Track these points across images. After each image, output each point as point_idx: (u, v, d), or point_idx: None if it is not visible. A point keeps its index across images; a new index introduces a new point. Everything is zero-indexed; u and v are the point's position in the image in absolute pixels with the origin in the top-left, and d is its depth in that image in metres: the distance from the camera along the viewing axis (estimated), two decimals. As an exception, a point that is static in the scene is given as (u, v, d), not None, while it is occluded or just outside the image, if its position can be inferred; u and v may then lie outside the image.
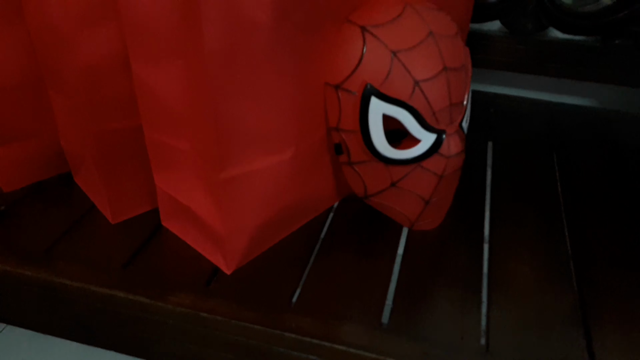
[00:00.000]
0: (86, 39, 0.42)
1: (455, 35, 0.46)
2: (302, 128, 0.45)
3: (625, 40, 0.72)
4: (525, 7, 0.74)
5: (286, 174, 0.46)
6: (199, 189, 0.45)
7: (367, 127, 0.45)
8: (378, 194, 0.50)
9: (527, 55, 0.77)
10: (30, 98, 0.53)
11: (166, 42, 0.39)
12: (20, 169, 0.57)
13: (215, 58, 0.36)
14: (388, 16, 0.44)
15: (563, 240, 0.53)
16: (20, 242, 0.50)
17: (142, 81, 0.43)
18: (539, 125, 0.77)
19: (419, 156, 0.46)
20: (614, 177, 0.64)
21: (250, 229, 0.46)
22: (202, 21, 0.34)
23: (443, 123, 0.45)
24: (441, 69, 0.44)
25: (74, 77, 0.45)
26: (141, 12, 0.39)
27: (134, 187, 0.52)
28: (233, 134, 0.40)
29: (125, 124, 0.48)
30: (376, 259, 0.50)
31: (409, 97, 0.44)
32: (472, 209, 0.57)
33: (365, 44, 0.43)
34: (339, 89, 0.45)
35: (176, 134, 0.44)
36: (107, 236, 0.51)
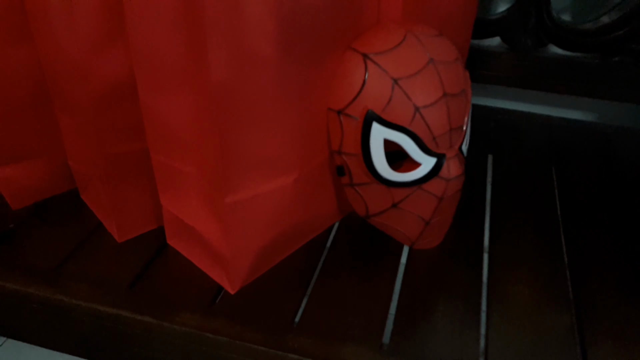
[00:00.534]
0: (96, 65, 0.43)
1: (455, 60, 0.47)
2: (305, 152, 0.46)
3: (624, 57, 0.73)
4: (525, 24, 0.75)
5: (289, 196, 0.47)
6: (204, 211, 0.46)
7: (369, 151, 0.46)
8: (379, 214, 0.51)
9: (526, 71, 0.77)
10: (38, 118, 0.55)
11: (173, 73, 0.40)
12: (28, 186, 0.58)
13: (221, 89, 0.37)
14: (389, 44, 0.45)
15: (561, 260, 0.54)
16: (30, 260, 0.51)
17: (149, 108, 0.44)
18: (538, 139, 0.78)
19: (420, 179, 0.47)
20: (612, 192, 0.65)
21: (255, 250, 0.47)
22: (209, 54, 0.35)
23: (443, 147, 0.46)
24: (441, 95, 0.45)
25: (83, 101, 0.46)
26: (149, 44, 0.40)
27: (140, 206, 0.53)
28: (238, 159, 0.41)
29: (133, 147, 0.49)
30: (377, 279, 0.51)
31: (409, 122, 0.45)
32: (471, 227, 0.57)
33: (367, 71, 0.44)
34: (342, 114, 0.46)
35: (182, 158, 0.45)
36: (114, 255, 0.52)
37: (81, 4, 0.40)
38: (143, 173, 0.51)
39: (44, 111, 0.54)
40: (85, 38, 0.42)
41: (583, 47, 0.74)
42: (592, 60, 0.75)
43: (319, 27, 0.41)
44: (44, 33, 0.46)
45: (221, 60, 0.35)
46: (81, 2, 0.40)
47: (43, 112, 0.54)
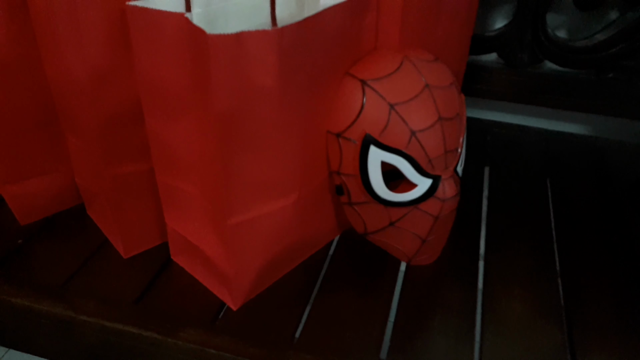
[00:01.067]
0: (103, 91, 0.45)
1: (450, 85, 0.49)
2: (305, 174, 0.48)
3: (618, 73, 0.75)
4: (522, 40, 0.76)
5: (290, 216, 0.48)
6: (208, 230, 0.48)
7: (367, 172, 0.48)
8: (377, 232, 0.53)
9: (523, 86, 0.79)
10: (47, 137, 0.56)
11: (178, 100, 0.42)
12: (36, 203, 0.59)
13: (224, 118, 0.38)
14: (386, 70, 0.47)
15: (554, 276, 0.55)
16: (38, 276, 0.53)
17: (155, 132, 0.45)
18: (533, 152, 0.79)
19: (416, 199, 0.49)
20: (605, 206, 0.66)
21: (256, 268, 0.49)
22: (212, 86, 0.37)
23: (438, 169, 0.48)
24: (436, 120, 0.47)
25: (90, 123, 0.47)
26: (154, 74, 0.41)
27: (145, 223, 0.55)
28: (240, 183, 0.43)
29: (138, 167, 0.50)
30: (375, 295, 0.52)
31: (405, 146, 0.46)
32: (467, 244, 0.59)
33: (365, 97, 0.46)
34: (340, 137, 0.48)
35: (186, 179, 0.47)
36: (120, 271, 0.54)
37: (89, 32, 0.42)
38: (148, 192, 0.53)
39: (52, 131, 0.56)
40: (93, 65, 0.44)
41: (578, 64, 0.75)
42: (586, 76, 0.76)
43: (318, 56, 0.42)
44: (53, 59, 0.48)
45: (224, 92, 0.37)
46: (89, 31, 0.42)
47: (51, 132, 0.56)
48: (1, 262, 0.55)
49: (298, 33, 0.38)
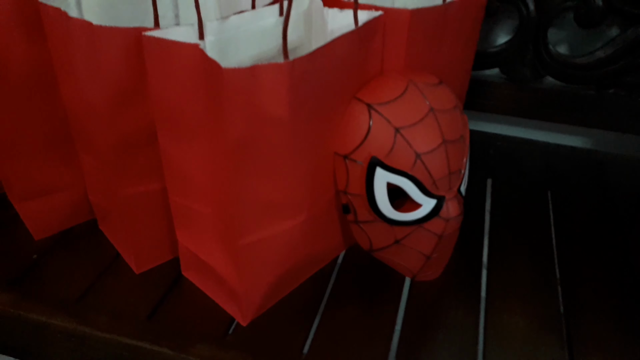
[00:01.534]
0: (118, 114, 0.46)
1: (454, 108, 0.50)
2: (313, 194, 0.49)
3: (618, 89, 0.76)
4: (524, 56, 0.78)
5: (298, 235, 0.50)
6: (218, 249, 0.49)
7: (373, 192, 0.49)
8: (382, 249, 0.54)
9: (524, 101, 0.80)
10: (61, 155, 0.58)
11: (191, 125, 0.43)
12: (50, 218, 0.61)
13: (236, 145, 0.40)
14: (392, 94, 0.48)
15: (555, 291, 0.56)
16: (53, 292, 0.54)
17: (168, 154, 0.47)
18: (535, 165, 0.81)
19: (421, 219, 0.50)
20: (605, 218, 0.68)
21: (265, 285, 0.50)
22: (226, 116, 0.38)
23: (442, 189, 0.49)
24: (440, 143, 0.48)
25: (104, 145, 0.49)
26: (169, 100, 0.43)
27: (156, 239, 0.56)
28: (251, 205, 0.44)
29: (151, 187, 0.52)
30: (380, 310, 0.54)
31: (411, 168, 0.48)
32: (470, 259, 0.60)
33: (372, 121, 0.48)
34: (347, 159, 0.49)
35: (198, 199, 0.48)
36: (132, 286, 0.55)
37: (106, 60, 0.43)
38: (160, 209, 0.54)
39: (66, 149, 0.58)
40: (109, 90, 0.45)
41: (579, 80, 0.77)
42: (587, 91, 0.78)
43: (327, 83, 0.44)
44: (69, 83, 0.50)
45: (238, 121, 0.39)
46: (106, 58, 0.43)
47: (65, 150, 0.58)
48: (17, 277, 0.56)
49: (308, 64, 0.40)
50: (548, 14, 0.74)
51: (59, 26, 0.46)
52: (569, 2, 0.72)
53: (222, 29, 0.45)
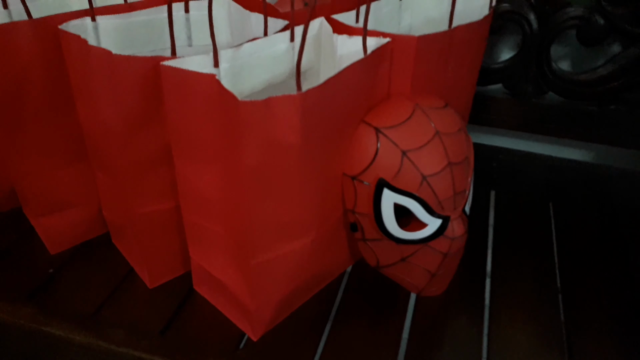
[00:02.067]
0: (135, 138, 0.48)
1: (459, 131, 0.52)
2: (322, 214, 0.51)
3: (620, 105, 0.78)
4: (527, 73, 0.79)
5: (308, 253, 0.51)
6: (231, 267, 0.51)
7: (380, 212, 0.51)
8: (389, 266, 0.56)
9: (527, 116, 0.82)
10: (76, 173, 0.60)
11: (206, 149, 0.45)
12: (65, 233, 0.63)
13: (251, 172, 0.42)
14: (399, 118, 0.50)
15: (557, 307, 0.58)
16: (70, 306, 0.56)
17: (183, 175, 0.49)
18: (537, 177, 0.82)
19: (426, 237, 0.52)
20: (607, 234, 0.69)
21: (275, 302, 0.52)
22: (242, 144, 0.40)
23: (448, 210, 0.51)
24: (446, 165, 0.50)
25: (120, 166, 0.50)
26: (184, 125, 0.45)
27: (170, 255, 0.58)
28: (263, 226, 0.46)
29: (165, 206, 0.54)
30: (387, 325, 0.55)
31: (417, 189, 0.49)
32: (474, 274, 0.62)
33: (379, 144, 0.49)
34: (356, 180, 0.51)
35: (211, 218, 0.50)
36: (146, 300, 0.57)
37: (124, 87, 0.45)
38: (173, 226, 0.56)
39: (82, 167, 0.60)
40: (126, 114, 0.47)
41: (581, 96, 0.78)
42: (588, 107, 0.79)
43: (337, 109, 0.45)
44: (87, 105, 0.52)
45: (252, 149, 0.40)
46: (124, 86, 0.45)
47: (81, 168, 0.60)
48: (35, 291, 0.58)
49: (319, 94, 0.41)
50: (551, 32, 0.75)
51: (79, 53, 0.48)
52: (571, 20, 0.74)
53: (236, 56, 0.46)
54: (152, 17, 0.55)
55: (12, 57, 0.51)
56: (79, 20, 0.51)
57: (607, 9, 0.72)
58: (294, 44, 0.51)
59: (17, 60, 0.52)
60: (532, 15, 0.75)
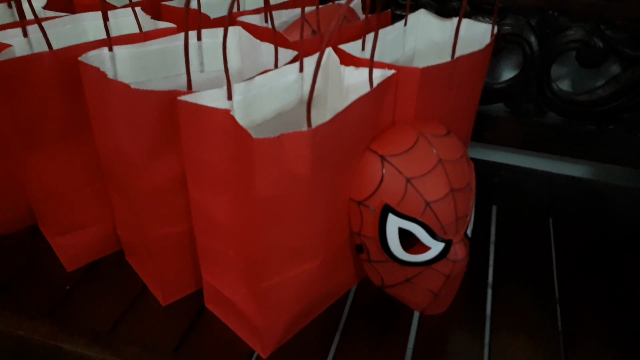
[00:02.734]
0: (152, 166, 0.50)
1: (461, 157, 0.54)
2: (330, 237, 0.53)
3: (618, 125, 0.80)
4: (527, 93, 0.81)
5: (316, 275, 0.53)
6: (241, 287, 0.53)
7: (385, 236, 0.53)
8: (393, 286, 0.58)
9: (527, 134, 0.84)
10: (92, 194, 0.62)
11: (219, 177, 0.47)
12: (81, 251, 0.65)
13: (263, 202, 0.44)
14: (404, 146, 0.52)
15: (555, 326, 0.60)
16: (86, 323, 0.58)
17: (197, 201, 0.51)
18: (537, 193, 0.84)
19: (430, 260, 0.54)
20: (604, 246, 0.72)
21: (284, 321, 0.54)
22: (256, 177, 0.42)
23: (450, 234, 0.53)
24: (448, 191, 0.52)
25: (136, 191, 0.53)
26: (200, 157, 0.47)
27: (182, 273, 0.60)
28: (274, 251, 0.48)
29: (180, 228, 0.56)
30: (391, 341, 0.57)
31: (421, 214, 0.51)
32: (475, 291, 0.64)
33: (384, 171, 0.51)
34: (362, 205, 0.53)
35: (224, 241, 0.52)
36: (159, 318, 0.59)
37: (142, 119, 0.48)
38: (186, 247, 0.58)
39: (97, 188, 0.62)
40: (143, 144, 0.49)
41: (580, 116, 0.80)
42: (588, 127, 0.81)
43: (345, 140, 0.48)
44: (104, 132, 0.54)
45: (264, 181, 0.42)
46: (142, 118, 0.48)
47: (97, 189, 0.62)
48: (52, 308, 0.60)
49: (328, 128, 0.43)
50: (551, 54, 0.77)
51: (98, 84, 0.50)
52: (571, 43, 0.76)
53: (248, 88, 0.49)
54: (165, 46, 0.58)
55: (33, 85, 0.54)
56: (97, 50, 0.54)
57: (606, 33, 0.74)
58: (303, 74, 0.53)
59: (38, 89, 0.54)
60: (533, 37, 0.77)
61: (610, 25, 0.73)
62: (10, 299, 0.61)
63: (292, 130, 0.43)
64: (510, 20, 0.78)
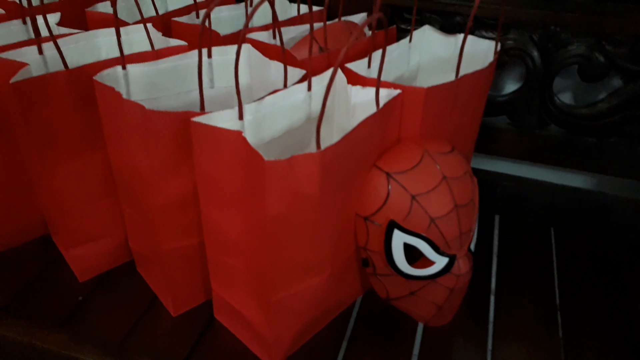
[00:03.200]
0: (165, 183, 0.52)
1: (465, 174, 0.56)
2: (337, 252, 0.55)
3: (619, 138, 0.81)
4: (530, 106, 0.83)
5: (324, 288, 0.55)
6: (250, 300, 0.55)
7: (391, 251, 0.54)
8: (398, 299, 0.59)
9: (530, 146, 0.86)
10: (105, 207, 0.64)
11: (231, 195, 0.49)
12: (93, 262, 0.67)
13: (273, 220, 0.45)
14: (409, 164, 0.53)
15: (557, 337, 0.61)
16: (99, 333, 0.60)
17: (208, 217, 0.52)
18: (539, 203, 0.86)
19: (434, 274, 0.55)
20: (603, 253, 0.73)
21: (292, 333, 0.56)
22: (265, 196, 0.44)
23: (454, 249, 0.55)
24: (452, 207, 0.53)
25: (150, 208, 0.54)
26: (212, 175, 0.48)
27: (193, 284, 0.62)
28: (283, 267, 0.50)
29: (191, 242, 0.57)
30: (396, 351, 0.59)
31: (425, 230, 0.53)
32: (478, 303, 0.65)
33: (390, 187, 0.53)
34: (368, 221, 0.54)
35: (234, 255, 0.54)
36: (170, 328, 0.61)
37: (156, 138, 0.49)
38: (197, 259, 0.60)
39: (111, 201, 0.63)
40: (156, 161, 0.51)
41: (581, 129, 0.82)
42: (589, 139, 0.83)
43: (352, 160, 0.49)
44: (118, 148, 0.55)
45: (275, 201, 0.44)
46: (156, 137, 0.49)
47: (109, 202, 0.64)
48: (66, 318, 0.62)
49: (337, 149, 0.45)
50: (553, 68, 0.79)
51: (112, 103, 0.51)
52: (573, 58, 0.77)
53: (259, 108, 0.50)
54: (177, 64, 0.59)
55: (49, 104, 0.55)
56: (111, 69, 0.55)
57: (607, 48, 0.75)
58: (311, 92, 0.55)
59: (54, 107, 0.56)
60: (535, 52, 0.78)
61: (611, 40, 0.75)
62: (26, 309, 0.63)
63: (300, 146, 0.44)
64: (514, 35, 0.79)
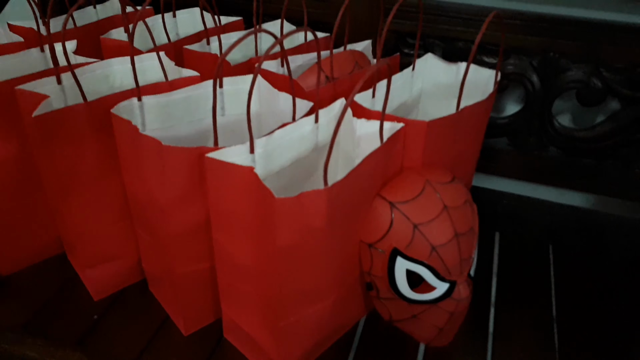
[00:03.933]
0: (180, 211, 0.55)
1: (465, 202, 0.58)
2: (342, 277, 0.57)
3: (616, 161, 0.83)
4: (529, 128, 0.85)
5: (329, 312, 0.57)
6: (259, 324, 0.57)
7: (394, 277, 0.57)
8: (401, 321, 0.62)
9: (529, 166, 0.88)
10: (120, 230, 0.66)
11: (242, 228, 0.51)
12: (108, 282, 0.69)
13: (281, 251, 0.48)
14: (411, 194, 0.56)
15: (552, 346, 0.64)
16: (113, 352, 0.62)
17: (220, 244, 0.55)
18: (538, 221, 0.88)
19: (435, 299, 0.58)
20: (600, 271, 0.75)
21: (299, 354, 0.58)
22: (275, 229, 0.46)
23: (455, 275, 0.57)
24: (453, 236, 0.56)
25: (164, 234, 0.57)
26: (224, 206, 0.51)
27: (204, 305, 0.64)
28: (290, 294, 0.52)
29: (203, 266, 0.60)
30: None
31: (427, 257, 0.55)
32: (477, 322, 0.68)
33: (393, 216, 0.55)
34: (372, 247, 0.57)
35: (243, 280, 0.56)
36: (181, 348, 0.63)
37: (172, 170, 0.52)
38: (208, 282, 0.62)
39: (126, 224, 0.66)
40: (171, 191, 0.53)
41: (580, 151, 0.84)
42: (587, 161, 0.85)
43: (357, 192, 0.52)
44: (134, 176, 0.58)
45: (284, 233, 0.47)
46: (172, 170, 0.52)
47: (125, 225, 0.66)
48: (82, 337, 0.64)
49: (342, 185, 0.47)
50: (552, 92, 0.81)
51: (130, 136, 0.54)
52: (571, 83, 0.79)
53: (269, 142, 0.53)
54: (190, 94, 0.62)
55: (69, 135, 0.58)
56: (127, 101, 0.58)
57: (605, 75, 0.78)
58: (318, 124, 0.57)
59: (73, 138, 0.58)
60: (535, 77, 0.81)
61: (609, 67, 0.77)
62: (44, 328, 0.65)
63: (308, 173, 0.46)
64: (514, 60, 0.82)
